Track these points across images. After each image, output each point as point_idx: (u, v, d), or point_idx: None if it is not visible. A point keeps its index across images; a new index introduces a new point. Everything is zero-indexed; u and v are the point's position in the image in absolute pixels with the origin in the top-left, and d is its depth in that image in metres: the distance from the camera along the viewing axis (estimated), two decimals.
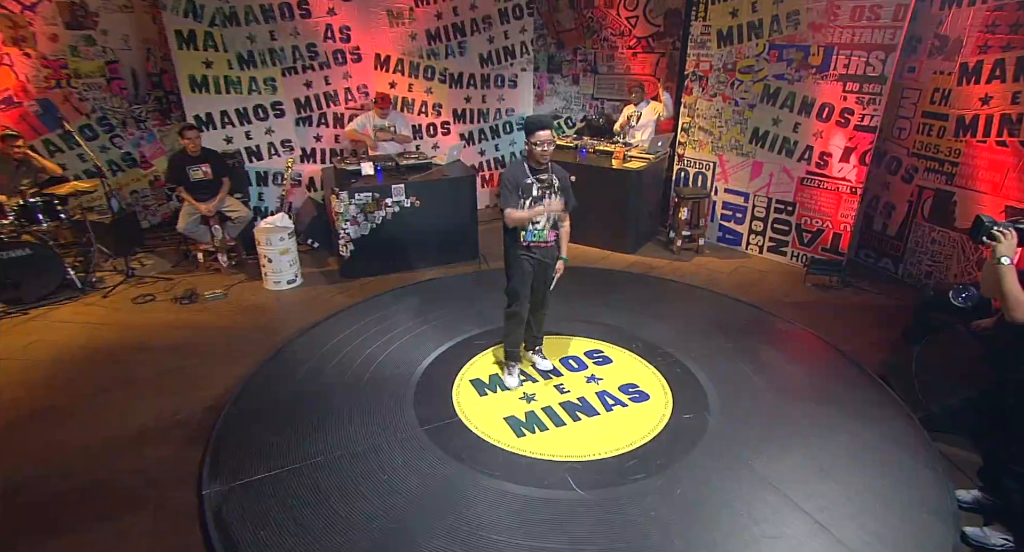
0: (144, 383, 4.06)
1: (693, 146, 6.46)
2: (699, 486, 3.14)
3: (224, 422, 3.58)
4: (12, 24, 5.69)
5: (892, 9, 4.83)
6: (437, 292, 5.42)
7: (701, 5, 5.95)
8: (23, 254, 5.01)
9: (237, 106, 6.20)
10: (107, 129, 6.36)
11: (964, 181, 4.88)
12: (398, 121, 6.43)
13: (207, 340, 4.62)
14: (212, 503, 2.94)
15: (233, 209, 5.70)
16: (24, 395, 3.93)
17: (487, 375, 4.13)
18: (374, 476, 3.18)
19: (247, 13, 5.92)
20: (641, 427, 3.63)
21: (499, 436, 3.54)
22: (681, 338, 4.57)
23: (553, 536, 2.81)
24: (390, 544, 2.75)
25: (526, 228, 3.69)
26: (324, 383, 4.04)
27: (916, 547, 2.74)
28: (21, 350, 4.45)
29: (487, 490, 3.11)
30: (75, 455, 3.41)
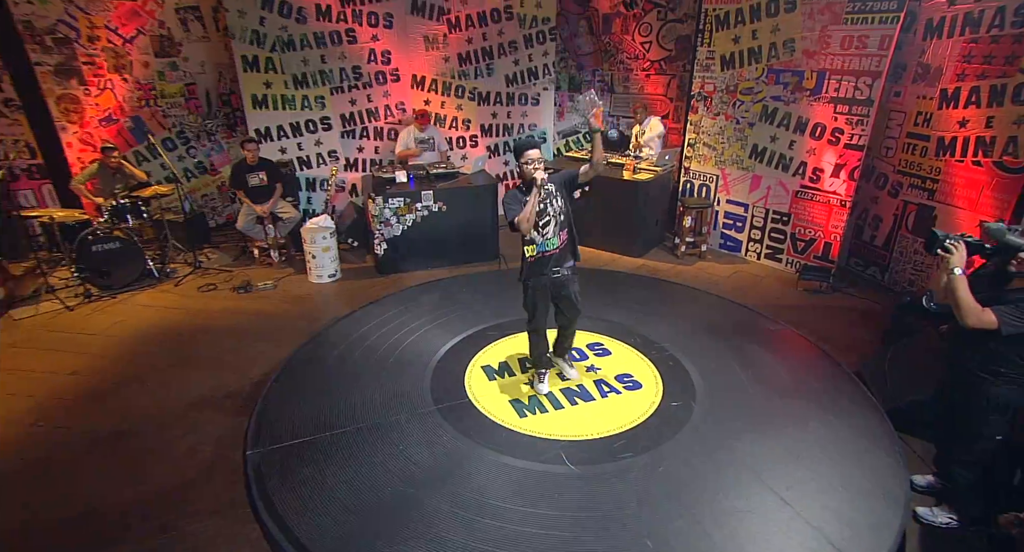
0: (204, 360, 4.40)
1: (698, 160, 6.50)
2: (680, 465, 3.24)
3: (267, 395, 3.81)
4: (115, 55, 6.15)
5: (878, 39, 4.84)
6: (459, 288, 5.51)
7: (707, 32, 5.98)
8: (114, 247, 5.41)
9: (291, 121, 6.49)
10: (184, 141, 6.75)
11: (944, 197, 4.88)
12: (436, 135, 6.66)
13: (258, 324, 4.92)
14: (253, 462, 3.20)
15: (284, 211, 6.01)
16: (108, 365, 4.32)
17: (496, 362, 4.24)
18: (392, 446, 3.37)
19: (302, 40, 6.22)
20: (632, 412, 3.71)
21: (503, 416, 3.67)
22: (676, 334, 4.61)
23: (544, 504, 2.95)
24: (402, 505, 2.93)
25: (535, 240, 3.56)
26: (354, 364, 4.21)
27: (869, 525, 2.81)
28: (108, 328, 4.86)
29: (490, 462, 3.26)
30: (146, 415, 3.77)
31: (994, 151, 4.43)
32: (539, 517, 2.86)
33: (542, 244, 3.52)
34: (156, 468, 3.30)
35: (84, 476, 3.24)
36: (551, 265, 3.58)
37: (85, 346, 4.54)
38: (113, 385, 4.06)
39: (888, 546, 2.69)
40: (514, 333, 4.59)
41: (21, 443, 3.48)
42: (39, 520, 2.96)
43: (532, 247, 3.53)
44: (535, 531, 2.76)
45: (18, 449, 3.43)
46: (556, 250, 3.56)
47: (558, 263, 3.61)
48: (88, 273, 5.30)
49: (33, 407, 3.79)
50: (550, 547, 2.69)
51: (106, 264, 5.37)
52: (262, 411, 3.64)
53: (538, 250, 3.54)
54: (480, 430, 3.54)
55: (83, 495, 3.10)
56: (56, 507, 3.03)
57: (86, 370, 4.22)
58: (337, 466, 3.21)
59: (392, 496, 2.98)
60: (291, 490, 3.02)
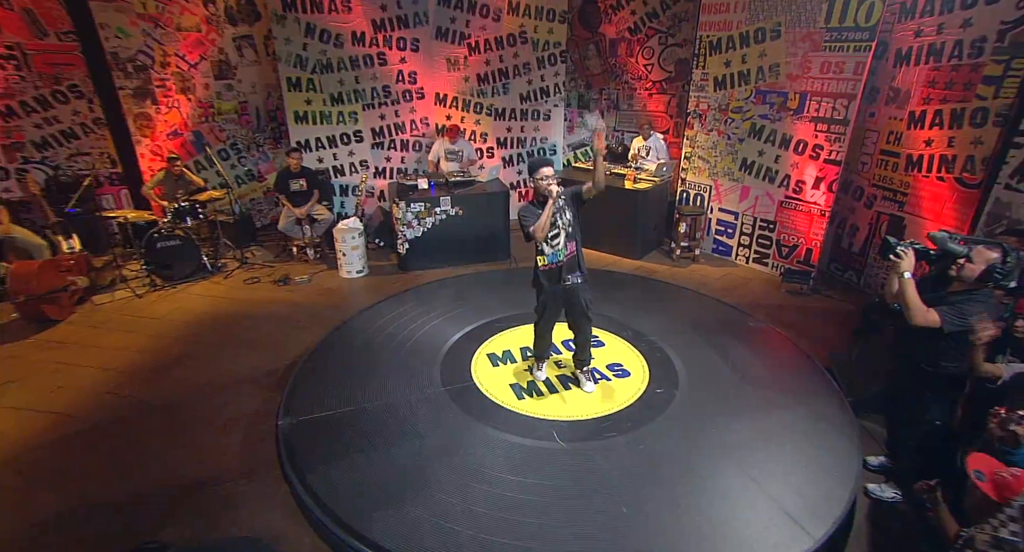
0: (247, 342, 4.67)
1: (694, 172, 6.58)
2: (659, 445, 3.37)
3: (297, 374, 4.02)
4: (182, 79, 6.49)
5: (853, 65, 4.92)
6: (472, 284, 5.62)
7: (701, 56, 6.07)
8: (175, 244, 5.71)
9: (328, 134, 6.75)
10: (236, 152, 7.04)
11: (912, 208, 4.95)
12: (465, 147, 6.81)
13: (293, 313, 5.17)
14: (284, 430, 3.43)
15: (320, 213, 6.24)
16: (168, 344, 4.66)
17: (501, 350, 4.37)
18: (404, 421, 3.55)
19: (338, 63, 6.49)
20: (619, 397, 3.83)
21: (504, 398, 3.82)
22: (665, 329, 4.68)
23: (534, 474, 3.11)
24: (410, 472, 3.12)
25: (545, 252, 3.55)
26: (374, 349, 4.38)
27: (822, 497, 2.93)
28: (168, 313, 5.19)
29: (489, 438, 3.42)
30: (196, 387, 4.06)
31: (955, 168, 4.48)
32: (528, 486, 3.02)
33: (552, 255, 3.54)
34: (203, 432, 3.59)
35: (143, 436, 3.56)
36: (563, 274, 3.57)
37: (150, 328, 4.89)
38: (171, 361, 4.39)
39: (836, 515, 2.82)
40: (518, 325, 4.69)
41: (97, 407, 3.84)
42: (104, 470, 3.28)
43: (543, 257, 3.57)
44: (523, 497, 2.94)
45: (94, 411, 3.79)
46: (565, 260, 3.56)
47: (569, 271, 3.59)
48: (153, 266, 5.66)
49: (107, 378, 4.15)
50: (536, 510, 2.85)
51: (168, 258, 5.71)
52: (293, 387, 3.87)
53: (548, 260, 3.57)
54: (482, 410, 3.69)
55: (141, 453, 3.41)
56: (119, 461, 3.35)
57: (150, 348, 4.56)
58: (355, 436, 3.41)
59: (400, 464, 3.18)
60: (315, 455, 3.23)
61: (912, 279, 2.65)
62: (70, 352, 4.49)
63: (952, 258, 2.66)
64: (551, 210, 3.36)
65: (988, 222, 3.95)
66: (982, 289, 2.64)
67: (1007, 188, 3.84)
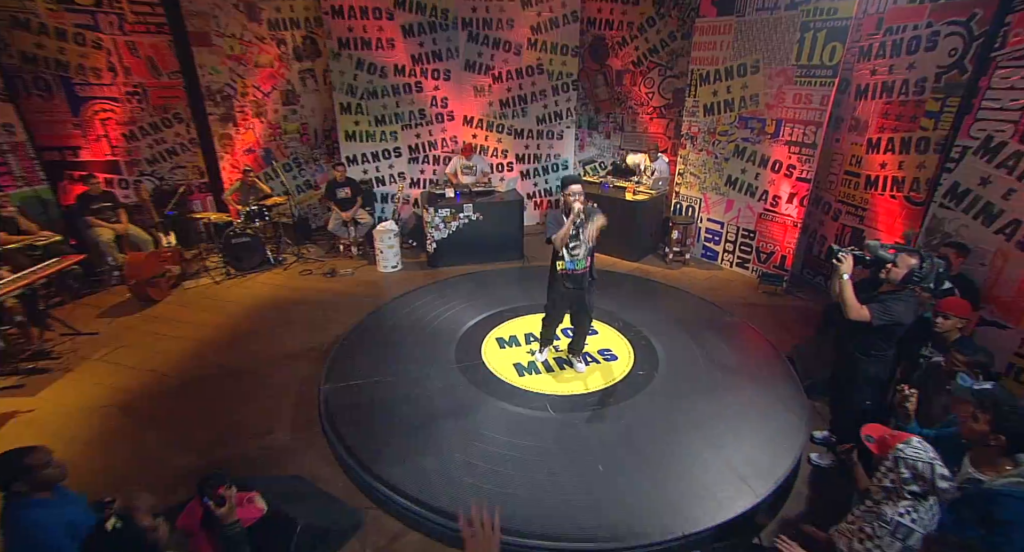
0: (299, 323, 5.08)
1: (686, 186, 6.74)
2: (638, 417, 3.59)
3: (338, 349, 4.37)
4: (257, 105, 7.01)
5: (819, 97, 5.05)
6: (489, 279, 5.81)
7: (693, 86, 6.26)
8: (245, 241, 6.18)
9: (372, 150, 7.12)
10: (297, 165, 7.50)
11: (870, 222, 5.06)
12: (479, 162, 7.09)
13: (338, 300, 5.55)
14: (324, 394, 3.78)
15: (362, 217, 6.62)
16: (238, 322, 5.14)
17: (508, 335, 4.62)
18: (421, 390, 3.86)
19: (382, 90, 6.88)
20: (606, 377, 4.07)
21: (507, 375, 4.07)
22: (653, 321, 4.86)
23: (527, 437, 3.38)
24: (423, 431, 3.41)
25: (564, 258, 3.55)
26: (401, 331, 4.70)
27: (770, 463, 3.14)
28: (239, 297, 5.67)
29: (491, 407, 3.69)
30: (257, 358, 4.49)
31: (904, 188, 4.60)
32: (521, 446, 3.30)
33: (570, 263, 3.56)
34: (263, 393, 4.01)
35: (218, 393, 4.01)
36: (577, 281, 3.63)
37: (224, 309, 5.39)
38: (240, 335, 4.87)
39: (778, 477, 3.03)
40: (525, 314, 4.89)
41: (184, 368, 4.36)
42: (190, 417, 3.75)
43: (562, 263, 3.59)
44: (515, 455, 3.23)
45: (182, 371, 4.31)
46: (582, 271, 3.59)
47: (580, 282, 3.64)
48: (229, 258, 6.16)
49: (192, 346, 4.67)
50: (524, 466, 3.13)
51: (240, 252, 6.18)
52: (334, 359, 4.23)
53: (567, 267, 3.58)
54: (487, 383, 3.97)
55: (216, 406, 3.86)
56: (201, 410, 3.81)
57: (224, 325, 5.06)
58: (381, 400, 3.72)
59: (416, 424, 3.50)
60: (348, 415, 3.56)
61: (849, 280, 2.82)
62: (165, 325, 5.06)
63: (882, 263, 2.85)
64: (571, 223, 3.42)
65: (926, 236, 4.09)
66: (905, 290, 2.82)
67: (941, 206, 3.98)
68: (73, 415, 3.74)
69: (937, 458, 1.89)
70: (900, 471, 1.92)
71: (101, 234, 5.73)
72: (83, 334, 4.81)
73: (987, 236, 3.64)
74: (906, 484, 1.90)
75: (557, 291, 3.78)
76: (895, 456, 1.94)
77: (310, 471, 3.26)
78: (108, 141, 6.32)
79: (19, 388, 4.00)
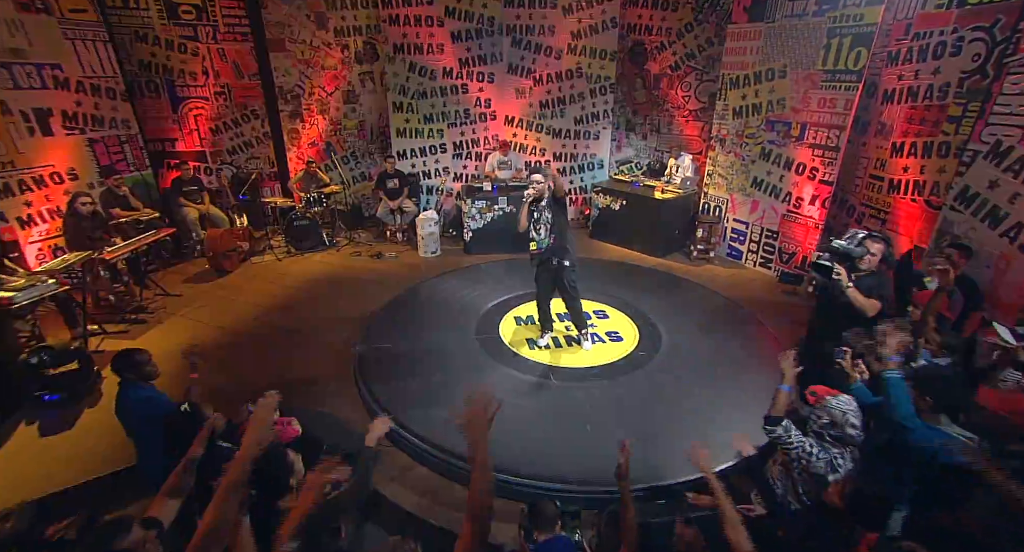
0: (345, 295, 5.68)
1: (714, 187, 6.85)
2: (633, 388, 3.89)
3: (377, 317, 4.95)
4: (321, 104, 7.74)
5: (843, 102, 5.11)
6: (516, 266, 5.93)
7: (724, 90, 6.38)
8: (305, 224, 6.89)
9: (420, 145, 7.65)
10: (354, 158, 8.17)
11: (892, 226, 5.04)
12: (514, 159, 7.50)
13: (381, 278, 6.10)
14: (359, 353, 4.33)
15: (407, 207, 7.20)
16: (295, 292, 5.81)
17: (525, 315, 5.01)
18: (442, 355, 4.31)
19: (431, 91, 7.40)
20: (610, 355, 4.36)
21: (519, 348, 4.47)
22: (664, 310, 5.06)
23: (529, 400, 3.77)
24: (440, 388, 3.84)
25: (536, 239, 3.98)
26: (431, 306, 5.19)
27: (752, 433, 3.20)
28: (298, 272, 6.37)
29: (503, 373, 4.10)
30: (310, 321, 5.10)
31: (924, 191, 4.59)
32: (523, 407, 3.69)
33: (539, 242, 4.04)
34: (311, 351, 4.60)
35: (275, 348, 4.66)
36: (546, 256, 4.07)
37: (283, 281, 6.10)
38: (295, 303, 5.54)
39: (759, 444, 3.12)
40: None
41: (248, 326, 5.06)
42: (251, 365, 4.40)
43: (534, 243, 4.07)
44: (516, 413, 3.57)
45: (246, 329, 5.01)
46: (548, 247, 4.02)
47: (551, 255, 4.04)
48: (290, 239, 6.90)
49: (255, 310, 5.39)
50: (522, 422, 3.50)
51: (300, 234, 6.89)
52: (370, 325, 4.81)
53: (538, 246, 4.06)
54: (501, 354, 4.38)
55: (268, 359, 4.48)
56: (260, 360, 4.47)
57: (282, 294, 5.75)
58: (407, 361, 4.18)
59: (434, 382, 3.95)
60: (378, 371, 4.08)
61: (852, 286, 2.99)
62: (234, 291, 5.83)
63: (854, 257, 3.05)
64: (526, 207, 3.97)
65: (937, 237, 4.11)
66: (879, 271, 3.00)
67: (952, 209, 3.99)
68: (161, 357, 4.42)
69: (853, 412, 2.15)
70: (822, 418, 2.21)
71: (189, 213, 6.63)
72: (171, 295, 5.65)
73: (992, 239, 3.66)
74: (824, 429, 2.20)
75: (538, 268, 4.19)
76: (823, 406, 2.22)
77: (343, 413, 3.78)
78: (198, 134, 7.24)
79: (124, 333, 4.83)
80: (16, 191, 5.11)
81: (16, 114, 5.02)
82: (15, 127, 5.03)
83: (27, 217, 5.24)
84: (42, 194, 5.35)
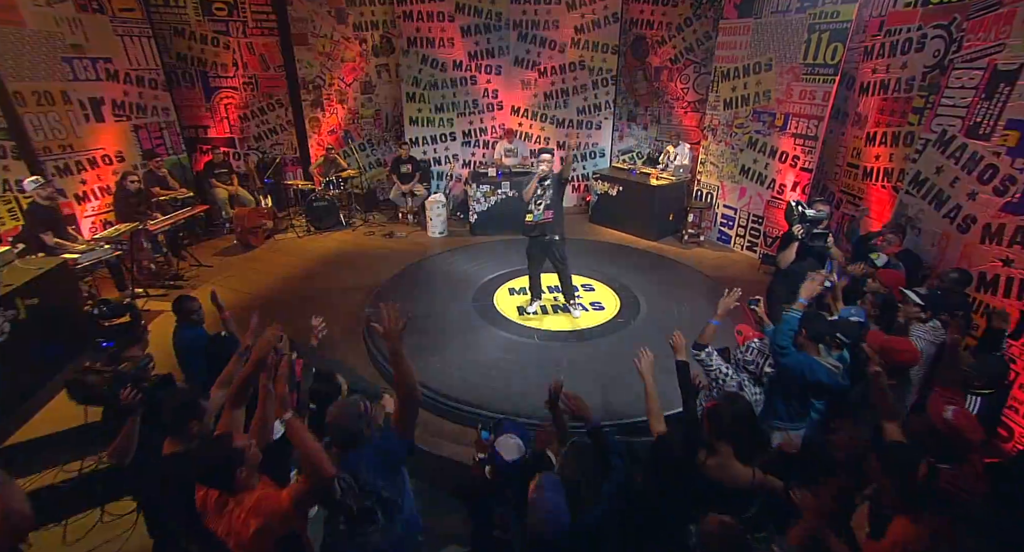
0: (359, 268, 6.26)
1: (707, 174, 7.21)
2: (608, 348, 4.36)
3: (385, 286, 5.51)
4: (340, 94, 8.32)
5: (822, 94, 5.44)
6: (516, 245, 5.83)
7: (716, 82, 6.74)
8: (324, 205, 7.48)
9: (432, 133, 8.19)
10: (370, 145, 8.76)
11: (866, 209, 5.31)
12: (519, 146, 7.97)
13: (392, 254, 6.63)
14: (367, 314, 4.81)
15: (418, 190, 7.72)
16: (313, 265, 6.41)
17: (519, 286, 5.50)
18: (442, 318, 4.86)
19: (442, 82, 7.92)
20: (591, 321, 4.84)
21: (510, 314, 4.99)
22: (647, 285, 5.48)
23: (512, 355, 4.28)
24: (434, 342, 4.40)
25: (532, 211, 4.37)
26: (435, 277, 5.72)
27: None
28: (316, 248, 6.97)
29: (492, 333, 4.66)
30: (328, 289, 5.67)
31: (893, 178, 4.91)
32: (506, 359, 4.26)
33: (535, 215, 4.48)
34: (329, 313, 4.93)
35: (295, 310, 5.13)
36: (539, 230, 4.52)
37: (303, 255, 6.71)
38: (313, 274, 6.14)
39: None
40: None
41: (272, 293, 5.68)
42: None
43: (530, 215, 4.50)
44: (501, 364, 4.19)
45: (270, 294, 5.62)
46: (542, 222, 4.46)
47: (544, 231, 4.48)
48: (310, 219, 7.50)
49: (278, 280, 6.00)
50: (505, 370, 4.08)
51: (319, 214, 7.48)
52: (379, 292, 5.39)
53: (534, 219, 4.49)
54: (493, 318, 4.92)
55: (293, 319, 4.92)
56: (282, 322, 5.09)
57: (301, 266, 6.36)
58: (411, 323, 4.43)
59: (433, 338, 4.52)
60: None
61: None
62: (260, 264, 6.48)
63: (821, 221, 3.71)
64: (536, 181, 4.38)
65: (894, 219, 4.47)
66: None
67: (907, 193, 4.35)
68: None
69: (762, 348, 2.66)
70: (744, 353, 2.72)
71: (219, 193, 7.29)
72: (203, 265, 6.32)
73: (937, 219, 4.02)
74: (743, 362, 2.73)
75: (530, 241, 4.61)
76: (746, 344, 2.73)
77: (352, 364, 4.40)
78: (228, 122, 7.89)
79: (164, 296, 5.49)
80: (74, 171, 5.82)
81: (75, 103, 5.71)
82: (74, 115, 5.72)
83: (82, 193, 5.94)
84: (94, 173, 6.05)
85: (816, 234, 3.70)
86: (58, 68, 5.49)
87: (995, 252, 3.52)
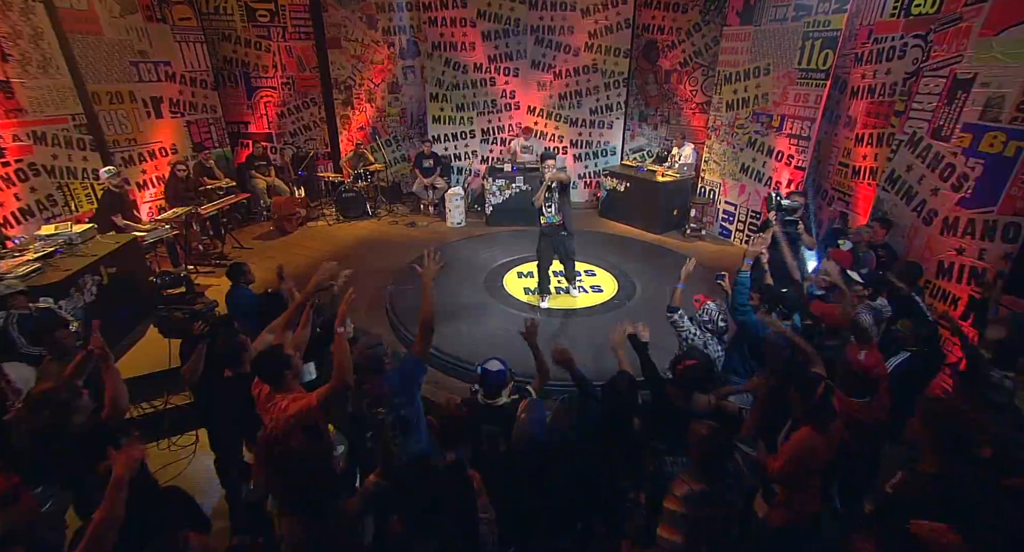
0: (383, 253, 6.88)
1: (710, 172, 7.62)
2: (601, 326, 4.72)
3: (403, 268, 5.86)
4: (369, 93, 8.96)
5: (814, 97, 5.82)
6: (527, 235, 6.35)
7: (719, 85, 7.14)
8: (352, 196, 8.13)
9: (453, 131, 8.72)
10: (396, 141, 9.34)
11: (854, 207, 5.65)
12: (535, 143, 8.46)
13: (413, 242, 7.25)
14: (389, 292, 5.48)
15: (438, 183, 8.31)
16: (342, 249, 7.06)
17: (527, 271, 5.94)
18: (455, 294, 5.41)
19: (463, 83, 8.43)
20: (589, 302, 5.34)
21: (517, 294, 5.55)
22: (645, 272, 5.95)
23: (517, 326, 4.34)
24: (447, 314, 4.81)
25: (545, 214, 4.81)
26: (450, 261, 5.88)
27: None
28: (344, 236, 7.63)
29: (499, 309, 5.22)
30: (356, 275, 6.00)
31: (878, 177, 5.22)
32: (507, 329, 4.66)
33: (549, 217, 4.92)
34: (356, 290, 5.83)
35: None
36: (555, 230, 4.96)
37: (333, 241, 7.38)
38: (342, 257, 6.67)
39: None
40: None
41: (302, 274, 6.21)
42: None
43: (544, 218, 4.95)
44: (502, 332, 4.68)
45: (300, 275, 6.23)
46: (554, 224, 4.91)
47: (556, 231, 4.93)
48: (339, 209, 8.15)
49: (310, 261, 6.62)
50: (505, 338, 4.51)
51: (348, 205, 8.13)
52: (399, 274, 5.80)
53: (548, 221, 4.93)
54: (502, 297, 5.49)
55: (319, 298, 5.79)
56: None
57: (331, 250, 7.00)
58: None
59: (448, 310, 4.99)
60: (403, 303, 5.20)
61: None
62: (294, 248, 7.17)
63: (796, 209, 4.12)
64: (544, 188, 4.80)
65: (873, 213, 4.84)
66: None
67: (883, 190, 4.72)
68: None
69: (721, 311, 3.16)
70: (703, 315, 3.22)
71: (258, 183, 8.02)
72: (245, 248, 7.03)
73: (907, 213, 4.40)
74: (703, 322, 3.23)
75: (543, 239, 5.09)
76: (704, 308, 3.23)
77: (376, 330, 4.95)
78: (267, 118, 8.63)
79: (212, 273, 6.21)
80: (136, 161, 6.60)
81: (139, 102, 6.48)
82: (138, 112, 6.49)
83: (143, 182, 6.72)
84: (152, 164, 6.82)
85: (788, 221, 4.12)
86: (127, 71, 6.26)
87: (951, 242, 3.91)
